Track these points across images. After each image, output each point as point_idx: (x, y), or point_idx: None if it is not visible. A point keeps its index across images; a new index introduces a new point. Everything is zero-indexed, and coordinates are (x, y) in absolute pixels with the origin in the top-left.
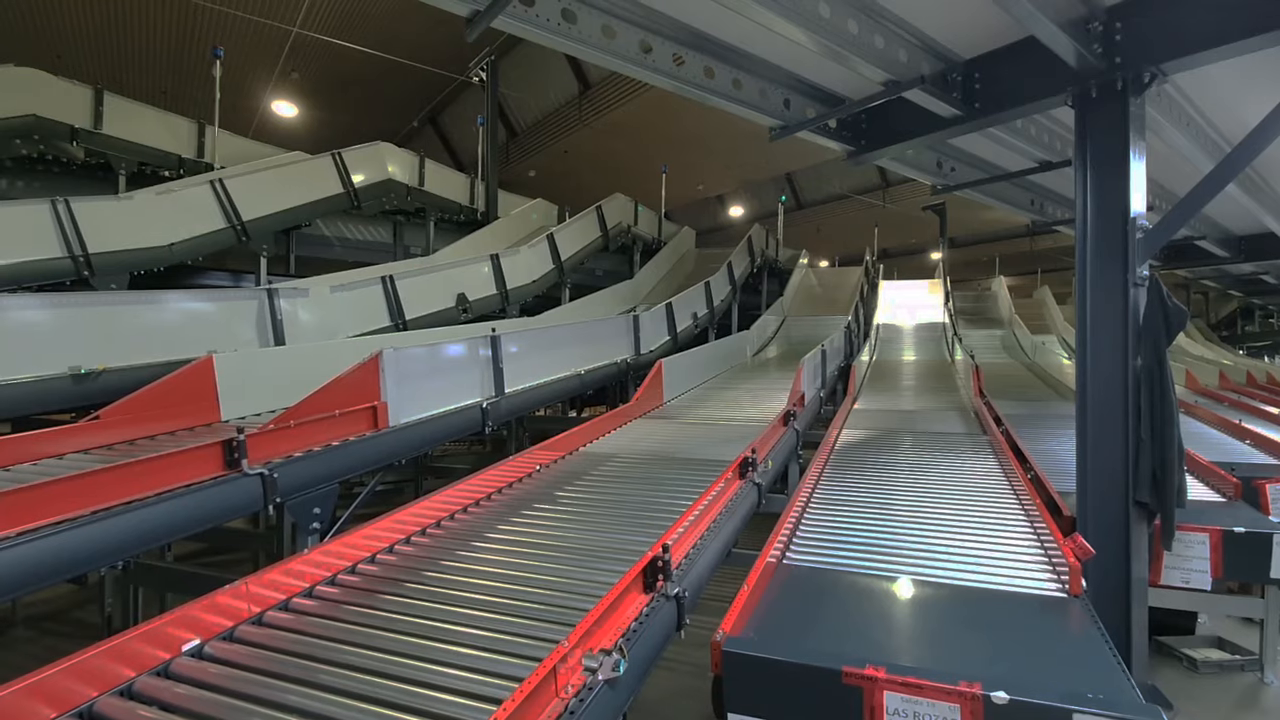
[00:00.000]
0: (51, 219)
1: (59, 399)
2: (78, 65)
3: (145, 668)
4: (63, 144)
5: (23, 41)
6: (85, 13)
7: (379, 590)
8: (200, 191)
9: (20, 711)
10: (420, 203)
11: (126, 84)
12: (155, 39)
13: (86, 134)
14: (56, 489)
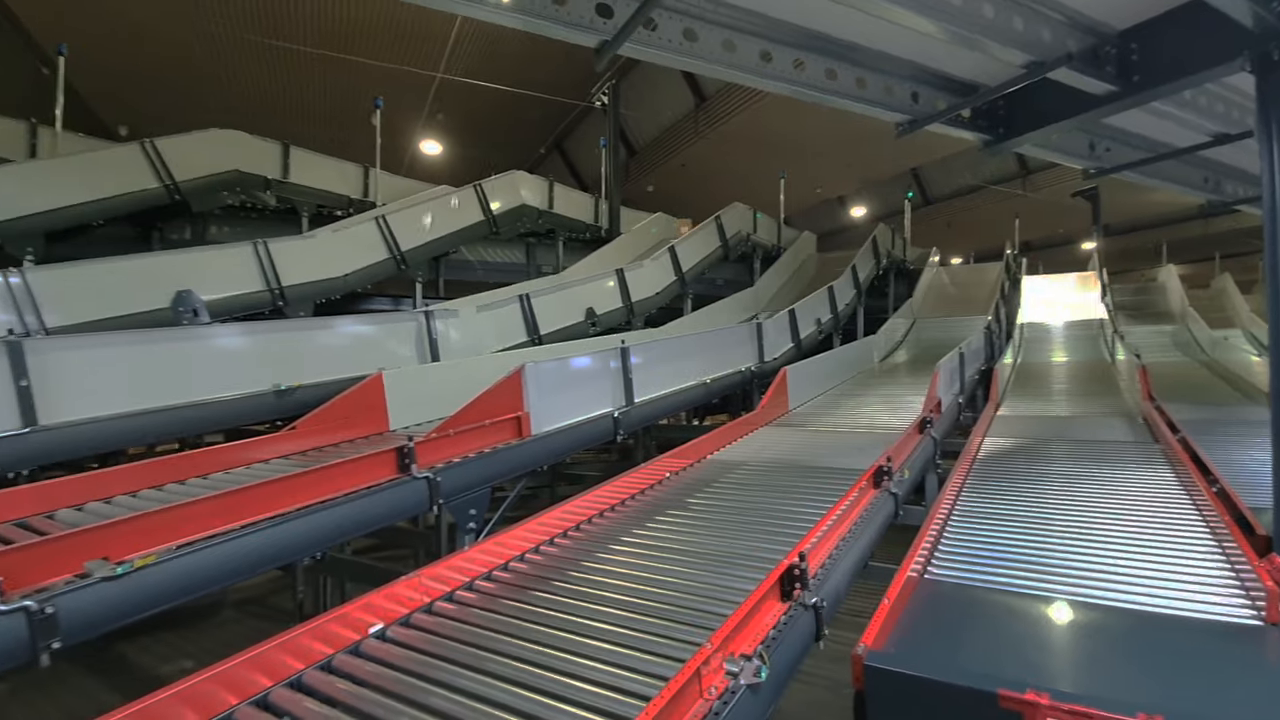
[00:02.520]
0: (254, 258)
1: (264, 412)
2: (265, 124)
3: (340, 646)
4: (259, 193)
5: (220, 106)
6: (268, 79)
7: (528, 586)
8: (367, 227)
9: (243, 681)
10: (550, 224)
11: (305, 137)
12: (325, 96)
13: (277, 183)
14: (267, 489)
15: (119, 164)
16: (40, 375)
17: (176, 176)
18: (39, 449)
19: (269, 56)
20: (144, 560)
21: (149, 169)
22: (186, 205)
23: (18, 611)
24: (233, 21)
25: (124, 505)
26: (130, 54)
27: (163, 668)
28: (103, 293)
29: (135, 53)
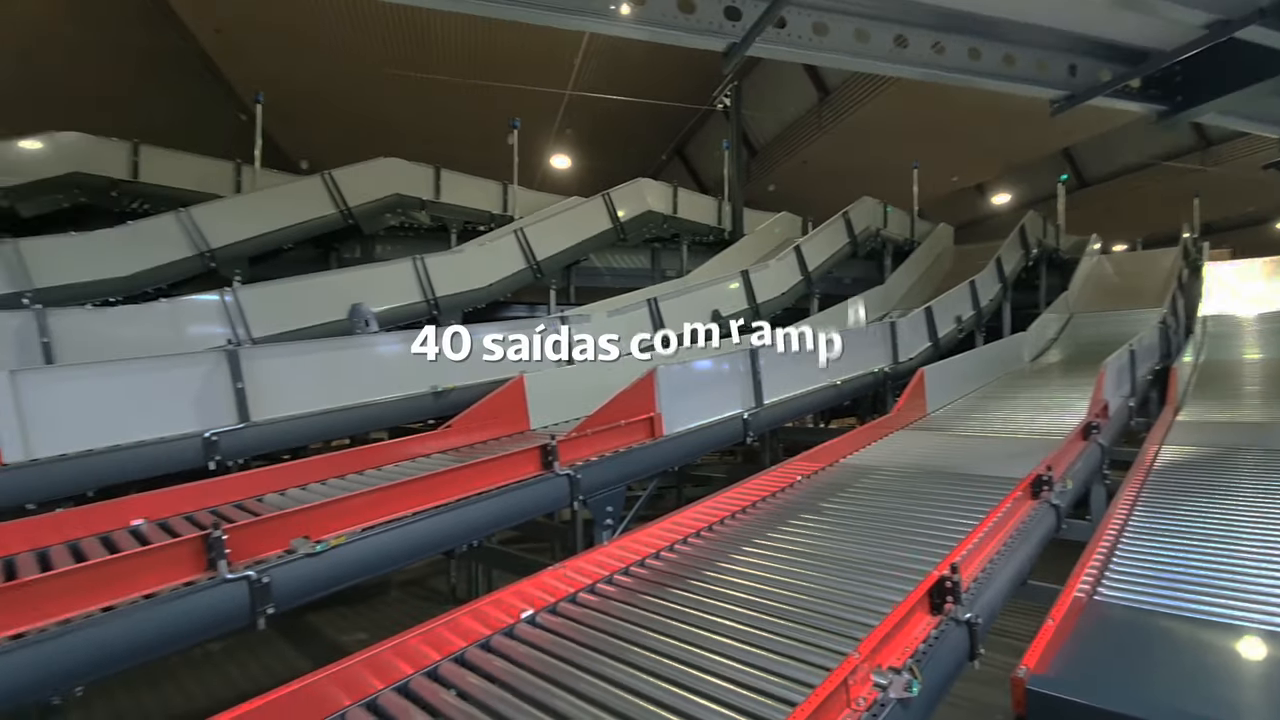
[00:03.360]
0: (413, 272)
1: (423, 411)
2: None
3: (496, 628)
4: (415, 213)
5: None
6: (420, 110)
7: (665, 584)
8: (507, 240)
9: (415, 654)
10: (675, 228)
11: (452, 160)
12: (468, 122)
13: (431, 204)
14: (432, 482)
15: (304, 195)
16: (251, 379)
17: (349, 203)
18: (252, 442)
19: (420, 90)
20: (337, 540)
21: (328, 197)
22: (358, 227)
23: (241, 580)
24: (391, 64)
25: (316, 492)
26: (308, 97)
27: (342, 637)
28: (294, 307)
29: (312, 95)
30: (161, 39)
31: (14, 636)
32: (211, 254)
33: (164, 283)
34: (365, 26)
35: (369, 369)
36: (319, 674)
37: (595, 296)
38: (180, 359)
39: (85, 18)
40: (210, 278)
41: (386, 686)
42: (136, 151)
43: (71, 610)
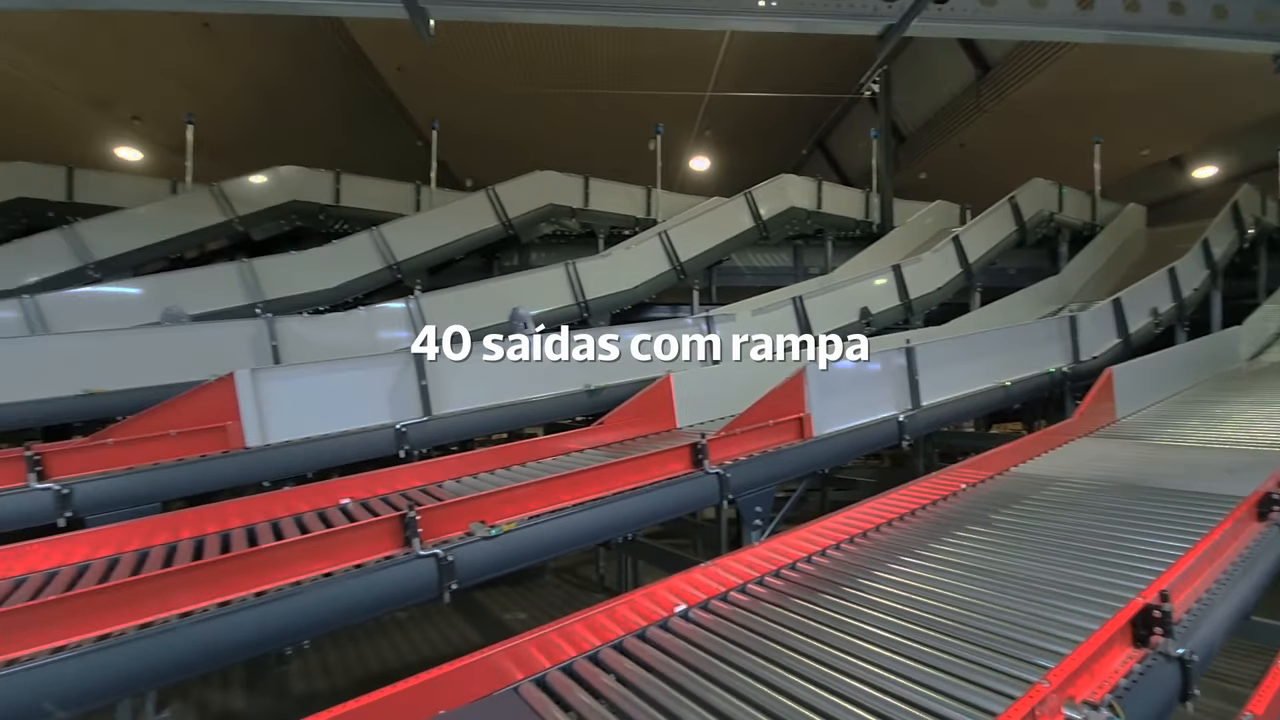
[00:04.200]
0: (565, 277)
1: (577, 409)
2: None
3: (651, 620)
4: (566, 221)
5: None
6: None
7: (818, 589)
8: (652, 243)
9: (579, 638)
10: (819, 224)
11: (598, 168)
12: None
13: (580, 211)
14: (589, 475)
15: (472, 210)
16: (433, 377)
17: (510, 214)
18: (434, 433)
19: (569, 106)
20: (509, 525)
21: (491, 211)
22: (516, 237)
23: (430, 557)
24: (545, 84)
25: (486, 480)
26: (472, 121)
27: (504, 615)
28: (464, 311)
29: (475, 119)
30: (355, 81)
31: (257, 594)
32: (398, 266)
33: (361, 292)
34: (523, 53)
35: (529, 369)
36: (495, 649)
37: (737, 296)
38: (377, 359)
39: (297, 69)
40: (396, 287)
41: (553, 665)
42: (338, 180)
43: (299, 575)
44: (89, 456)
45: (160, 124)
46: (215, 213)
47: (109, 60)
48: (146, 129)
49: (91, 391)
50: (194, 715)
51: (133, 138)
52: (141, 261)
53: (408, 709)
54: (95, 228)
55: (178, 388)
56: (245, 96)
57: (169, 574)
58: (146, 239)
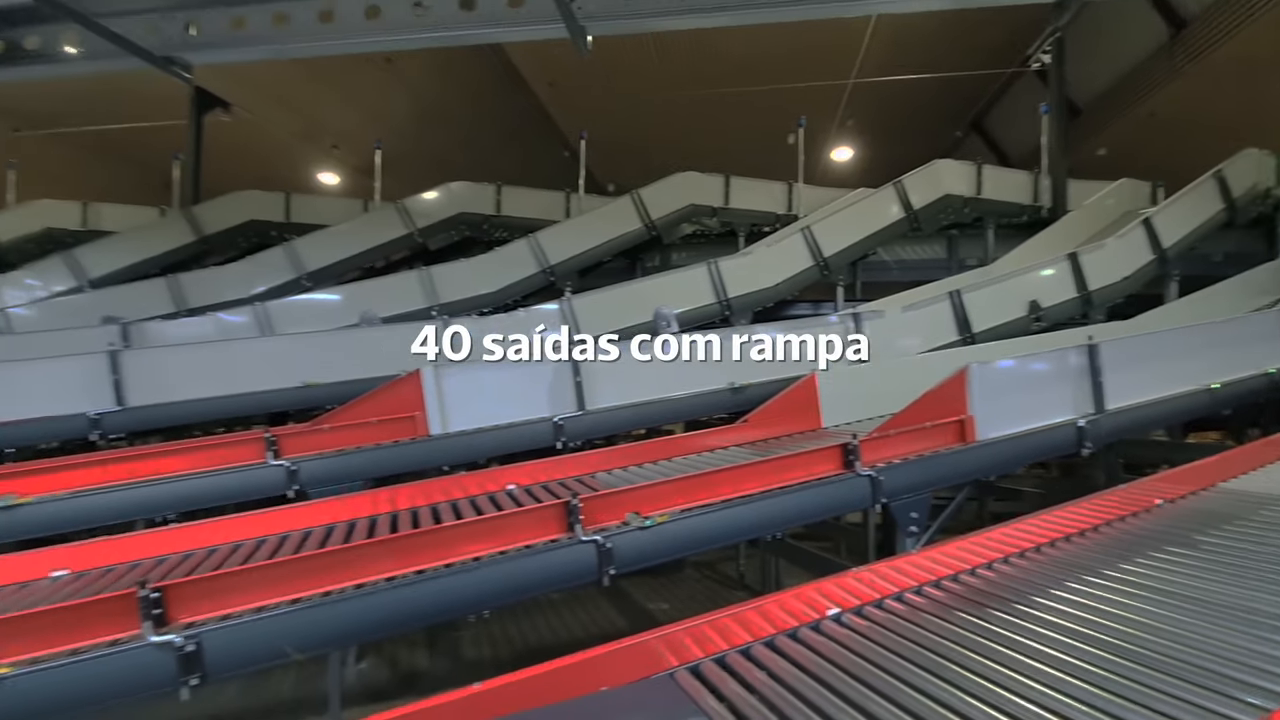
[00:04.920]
0: (707, 276)
1: (721, 406)
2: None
3: (803, 621)
4: (706, 220)
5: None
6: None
7: (986, 604)
8: (795, 239)
9: (731, 632)
10: (978, 211)
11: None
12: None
13: (720, 210)
14: (737, 473)
15: (617, 214)
16: (587, 374)
17: (652, 216)
18: (587, 427)
19: (706, 105)
20: (663, 518)
21: (635, 214)
22: (659, 238)
23: (591, 543)
24: (682, 85)
25: (635, 474)
26: (614, 128)
27: (648, 604)
28: (611, 312)
29: (617, 126)
30: (510, 99)
31: (447, 565)
32: (551, 269)
33: (520, 294)
34: (664, 59)
35: (674, 367)
36: (650, 635)
37: (884, 292)
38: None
39: (461, 92)
40: (549, 290)
41: (706, 656)
42: (499, 192)
43: (479, 551)
44: (310, 440)
45: (353, 150)
46: (399, 226)
47: (313, 98)
48: (343, 155)
49: (309, 384)
50: (384, 670)
51: (332, 164)
52: (343, 271)
53: (573, 682)
54: (307, 243)
55: (374, 381)
56: (419, 121)
57: (375, 543)
58: (346, 252)
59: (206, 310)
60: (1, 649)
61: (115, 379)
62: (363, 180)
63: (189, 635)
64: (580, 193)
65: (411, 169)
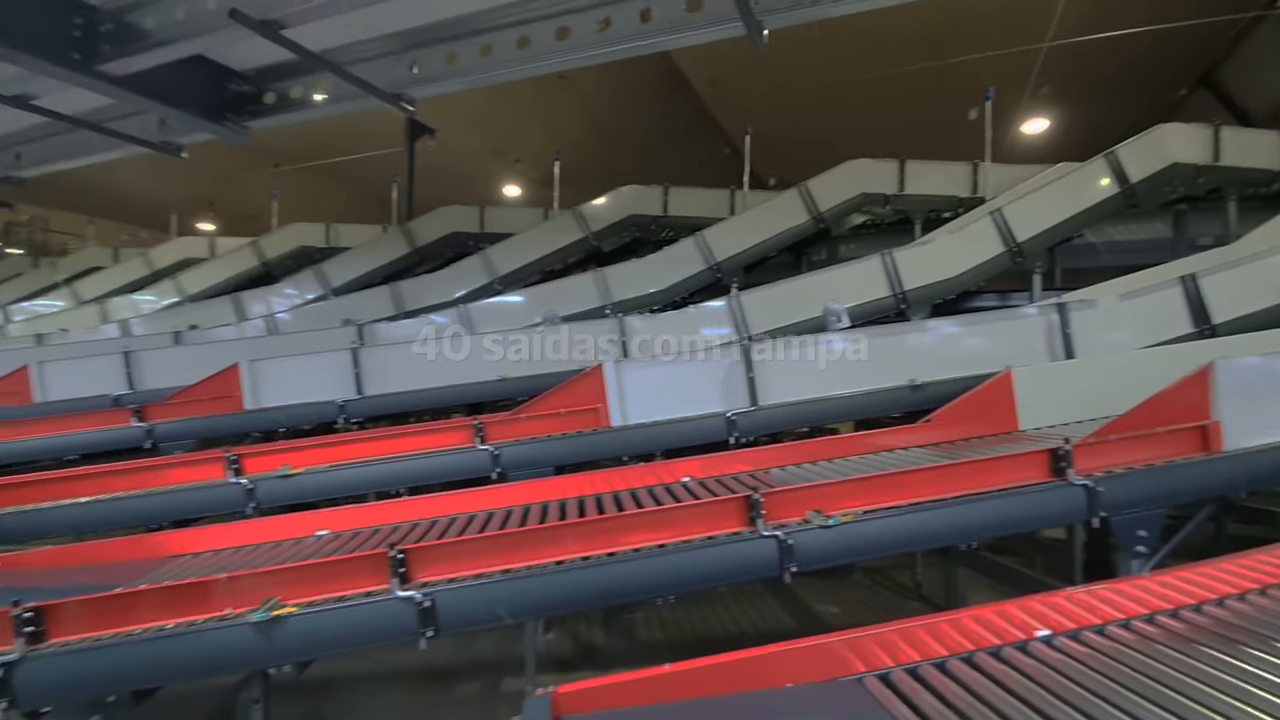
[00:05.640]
0: (881, 268)
1: (898, 404)
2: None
3: (1008, 640)
4: (878, 209)
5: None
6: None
7: (1239, 640)
8: (982, 224)
9: (922, 643)
10: (1215, 181)
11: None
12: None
13: (894, 197)
14: (925, 476)
15: (784, 208)
16: (759, 370)
17: (820, 208)
18: (760, 422)
19: (873, 89)
20: (847, 517)
21: (802, 207)
22: (827, 230)
23: (772, 539)
24: (850, 69)
25: (810, 471)
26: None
27: (816, 606)
28: (779, 308)
29: (780, 120)
30: (672, 102)
31: (634, 549)
32: (718, 266)
33: (687, 292)
34: (829, 44)
35: (849, 362)
36: (834, 637)
37: (1087, 280)
38: (709, 353)
39: (627, 99)
40: (715, 287)
41: (897, 665)
42: (666, 193)
43: (663, 538)
44: (509, 428)
45: (533, 163)
46: (576, 231)
47: (500, 117)
48: (524, 168)
49: (505, 378)
50: (567, 642)
51: (515, 177)
52: (528, 275)
53: (760, 674)
54: (498, 250)
55: (559, 375)
56: (590, 131)
57: (571, 525)
58: (531, 256)
59: (420, 312)
60: (288, 592)
61: (356, 372)
62: (541, 190)
63: (426, 593)
64: (745, 189)
65: (584, 177)
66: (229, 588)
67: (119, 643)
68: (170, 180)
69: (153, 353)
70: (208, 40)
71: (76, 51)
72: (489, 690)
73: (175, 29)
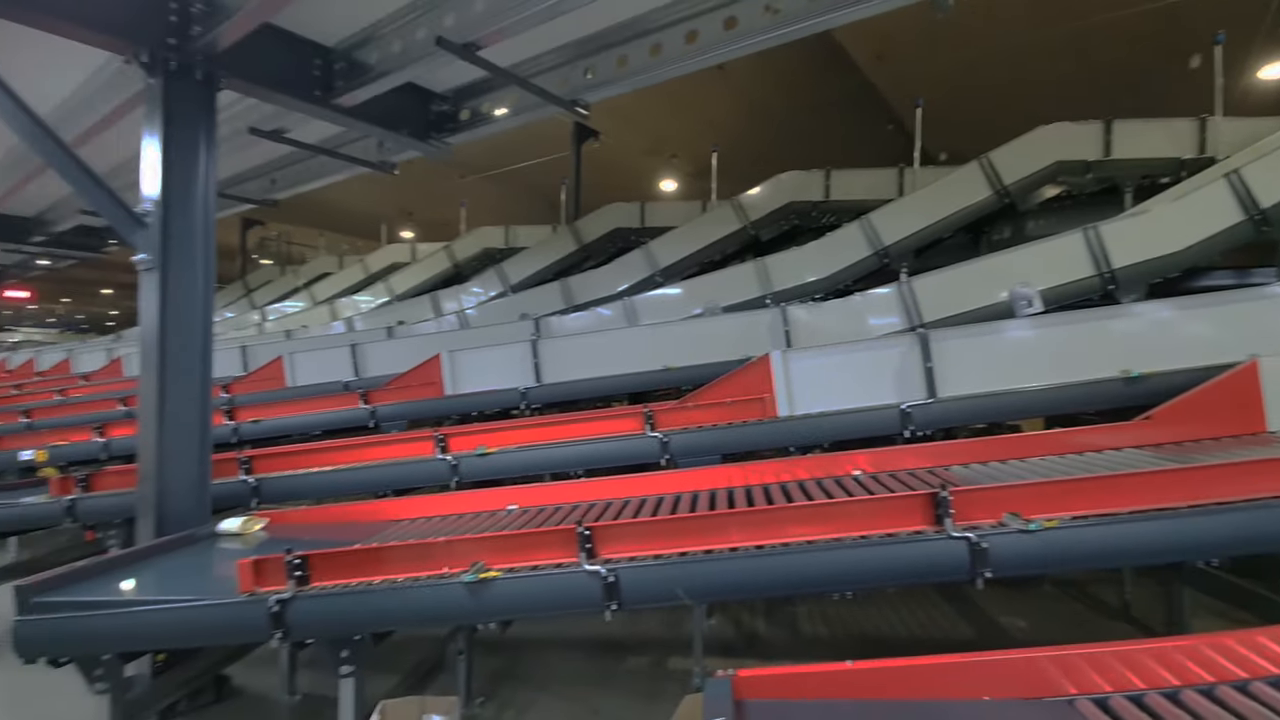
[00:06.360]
0: (1082, 244)
1: (1108, 398)
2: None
3: (1255, 675)
4: (1076, 179)
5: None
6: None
7: None
8: (1213, 189)
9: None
10: None
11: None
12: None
13: (1096, 164)
14: (1144, 481)
15: (961, 184)
16: (938, 359)
17: (1005, 182)
18: (937, 416)
19: (1062, 46)
20: (1049, 522)
21: (984, 182)
22: (1011, 206)
23: (962, 540)
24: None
25: (1001, 470)
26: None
27: (1000, 618)
28: (955, 293)
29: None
30: (830, 82)
31: (809, 541)
32: (885, 251)
33: (851, 279)
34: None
35: (1044, 351)
36: (1039, 652)
37: None
38: (880, 341)
39: (782, 84)
40: (880, 273)
41: (1116, 690)
42: (828, 176)
43: (838, 532)
44: (677, 416)
45: (689, 157)
46: (734, 222)
47: (658, 115)
48: (679, 163)
49: (669, 367)
50: (729, 628)
51: (671, 172)
52: (687, 267)
53: (954, 682)
54: (659, 244)
55: (722, 365)
56: (745, 119)
57: (746, 513)
58: (689, 249)
59: (588, 306)
60: (491, 558)
61: (535, 362)
62: (696, 184)
63: (610, 568)
64: (915, 166)
65: (739, 168)
66: (445, 550)
67: (362, 591)
68: (379, 195)
69: (371, 345)
70: (418, 68)
71: (318, 89)
72: (656, 666)
73: (393, 60)
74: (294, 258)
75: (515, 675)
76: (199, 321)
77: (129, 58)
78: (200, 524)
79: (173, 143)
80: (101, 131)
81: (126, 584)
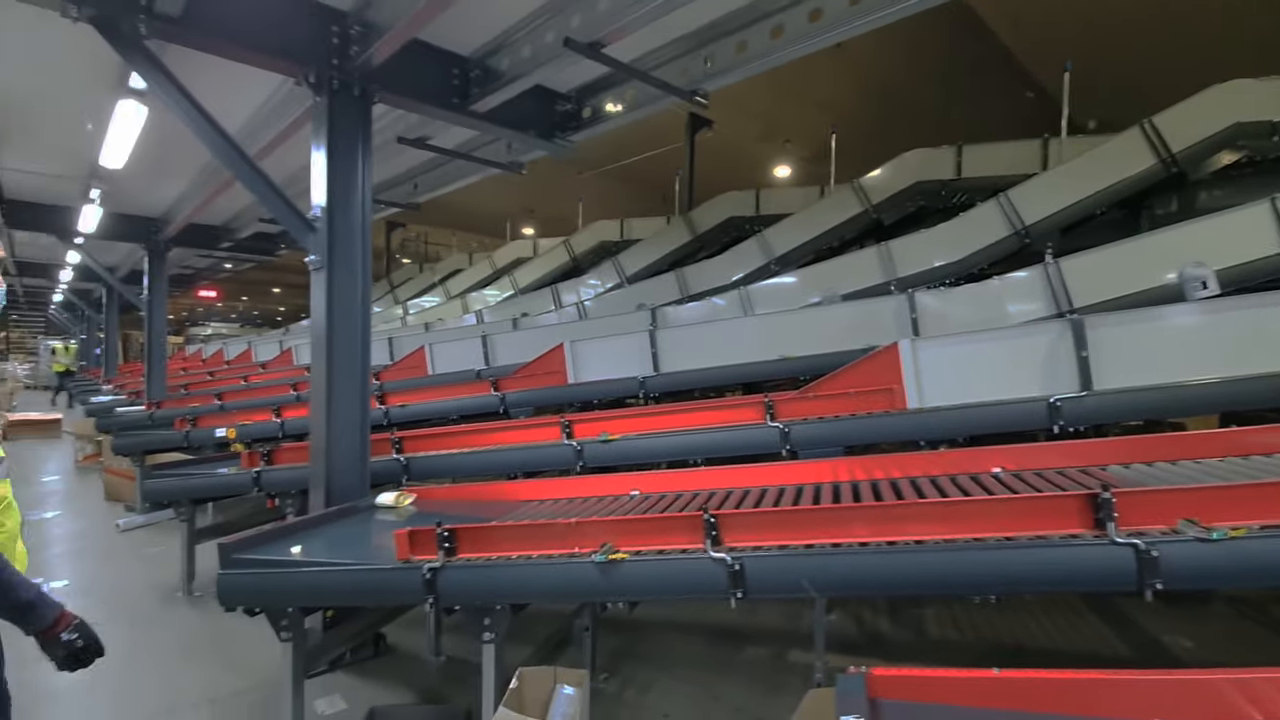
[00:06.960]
0: (1271, 217)
1: None
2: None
3: None
4: (1262, 142)
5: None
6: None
7: None
8: None
9: None
10: None
11: None
12: None
13: None
14: None
15: (1118, 153)
16: (1094, 348)
17: (1173, 149)
18: (1091, 410)
19: None
20: (1236, 531)
21: (1146, 149)
22: (1178, 176)
23: (1128, 546)
24: None
25: (1168, 472)
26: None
27: (1162, 636)
28: (1111, 275)
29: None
30: (960, 52)
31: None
32: (1025, 230)
33: (986, 262)
34: None
35: (1220, 339)
36: (1216, 674)
37: None
38: (1024, 329)
39: (907, 58)
40: (1020, 254)
41: None
42: (959, 153)
43: (976, 531)
44: (798, 406)
45: (803, 142)
46: (855, 205)
47: (769, 100)
48: (793, 148)
49: (786, 357)
50: (850, 625)
51: (784, 157)
52: (804, 255)
53: (1112, 700)
54: (774, 232)
55: (841, 355)
56: (865, 98)
57: (878, 507)
58: (807, 235)
59: (703, 296)
60: (619, 540)
61: (653, 352)
62: (809, 169)
63: (735, 556)
64: (1063, 136)
65: (857, 150)
66: (577, 531)
67: (502, 564)
68: (504, 194)
69: (500, 336)
70: (546, 70)
71: (456, 96)
72: (776, 658)
73: (523, 65)
74: (430, 256)
75: (636, 655)
76: (358, 315)
77: (299, 79)
78: (361, 497)
79: (336, 154)
80: (276, 147)
81: (295, 549)
